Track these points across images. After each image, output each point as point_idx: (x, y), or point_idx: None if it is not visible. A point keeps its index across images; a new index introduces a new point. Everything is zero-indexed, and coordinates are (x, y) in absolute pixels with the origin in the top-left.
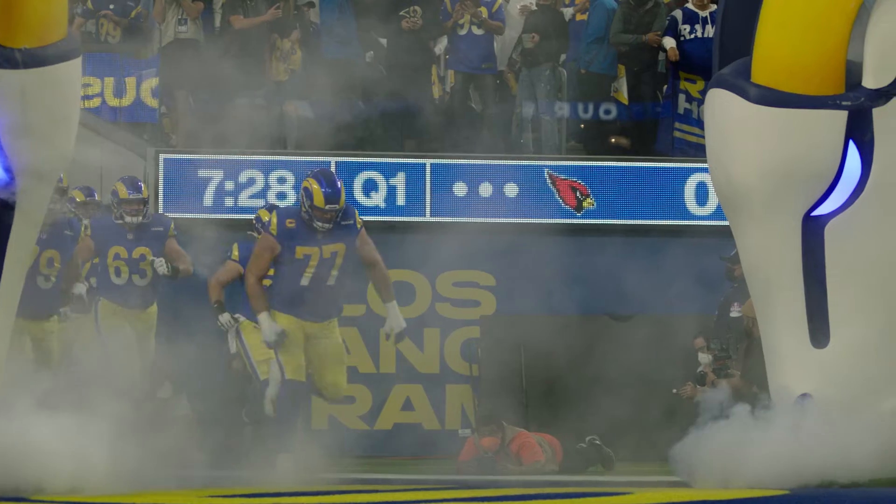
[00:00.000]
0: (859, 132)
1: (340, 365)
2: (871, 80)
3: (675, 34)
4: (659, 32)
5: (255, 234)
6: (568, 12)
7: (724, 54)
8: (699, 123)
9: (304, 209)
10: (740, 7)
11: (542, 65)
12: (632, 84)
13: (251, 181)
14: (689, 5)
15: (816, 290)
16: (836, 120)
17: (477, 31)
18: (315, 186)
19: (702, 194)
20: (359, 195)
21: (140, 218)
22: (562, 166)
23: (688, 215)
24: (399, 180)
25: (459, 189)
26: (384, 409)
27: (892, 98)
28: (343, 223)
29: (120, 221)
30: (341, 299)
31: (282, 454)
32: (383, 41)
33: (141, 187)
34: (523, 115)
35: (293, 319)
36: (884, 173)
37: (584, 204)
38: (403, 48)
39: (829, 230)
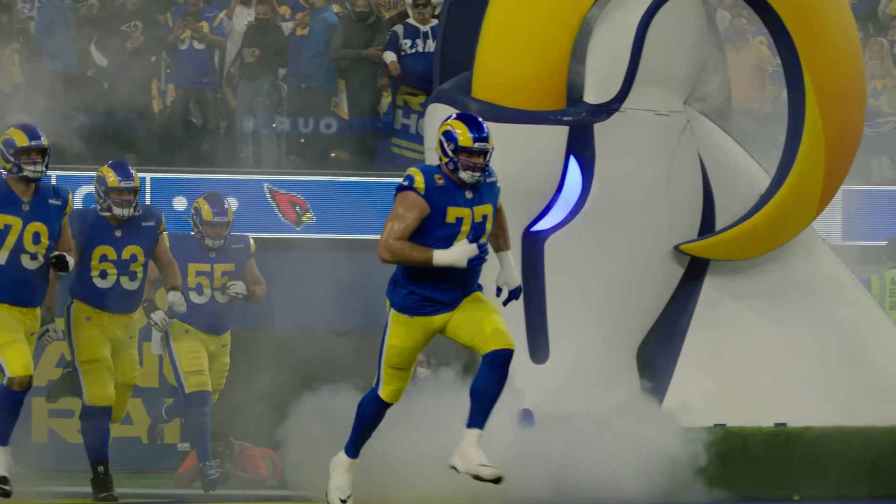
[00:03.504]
0: (580, 148)
1: (493, 309)
2: (592, 96)
3: (397, 49)
4: (380, 47)
5: (196, 229)
6: (288, 27)
7: (446, 69)
8: (417, 138)
9: (444, 160)
10: (461, 22)
11: (261, 79)
12: (352, 99)
13: None
14: (411, 20)
15: (536, 305)
16: (558, 135)
17: (198, 45)
18: (462, 127)
19: None
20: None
21: (131, 210)
22: (281, 181)
23: None
24: None
25: (179, 203)
26: None
27: (613, 114)
28: (488, 180)
29: (107, 214)
30: None
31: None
32: (103, 58)
33: (132, 174)
34: (243, 129)
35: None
36: (603, 189)
37: (304, 218)
38: (124, 62)
39: (549, 245)
